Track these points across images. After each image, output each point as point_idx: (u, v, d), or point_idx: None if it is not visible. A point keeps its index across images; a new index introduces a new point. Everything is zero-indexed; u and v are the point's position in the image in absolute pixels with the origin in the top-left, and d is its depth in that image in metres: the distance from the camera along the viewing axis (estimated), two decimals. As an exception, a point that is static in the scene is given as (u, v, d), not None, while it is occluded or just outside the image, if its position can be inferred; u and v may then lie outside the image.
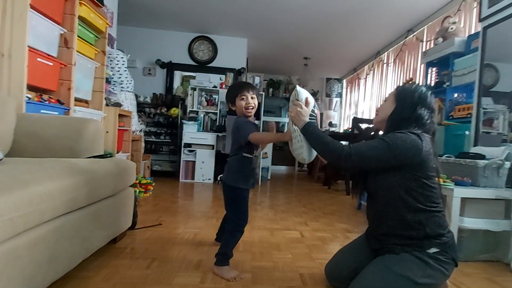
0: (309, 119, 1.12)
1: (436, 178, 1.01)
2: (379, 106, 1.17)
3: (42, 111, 1.66)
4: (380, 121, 1.11)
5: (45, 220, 0.89)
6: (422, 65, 3.22)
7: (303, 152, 1.13)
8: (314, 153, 1.16)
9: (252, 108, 1.37)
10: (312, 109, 1.16)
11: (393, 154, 0.95)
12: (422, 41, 3.51)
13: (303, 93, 1.17)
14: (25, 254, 0.82)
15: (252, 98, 1.37)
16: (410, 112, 1.03)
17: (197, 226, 1.95)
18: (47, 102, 1.72)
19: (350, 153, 0.98)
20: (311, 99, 1.18)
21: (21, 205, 0.78)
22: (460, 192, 1.55)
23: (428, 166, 0.97)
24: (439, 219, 0.98)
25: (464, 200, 1.57)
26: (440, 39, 2.71)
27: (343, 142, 1.16)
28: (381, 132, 1.14)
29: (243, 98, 1.37)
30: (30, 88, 1.66)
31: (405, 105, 1.04)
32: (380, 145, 0.97)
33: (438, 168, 1.02)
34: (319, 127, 1.15)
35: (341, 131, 6.17)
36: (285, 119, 6.97)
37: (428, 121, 1.03)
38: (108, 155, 1.65)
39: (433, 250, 0.95)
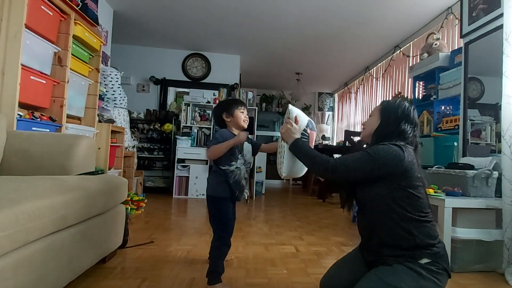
0: (302, 138, 1.17)
1: (423, 188, 1.03)
2: (365, 122, 1.19)
3: (33, 128, 1.65)
4: (366, 135, 1.16)
5: (32, 239, 0.87)
6: (410, 79, 3.32)
7: (282, 167, 1.20)
8: (295, 170, 1.23)
9: (247, 123, 1.45)
10: (305, 129, 1.20)
11: (376, 164, 0.99)
12: (408, 56, 3.64)
13: (294, 112, 1.21)
14: (10, 275, 0.79)
15: (247, 114, 1.46)
16: (394, 127, 1.07)
17: (190, 243, 1.91)
18: (39, 119, 1.72)
19: (335, 165, 1.03)
20: (304, 118, 1.22)
21: (8, 224, 0.76)
22: (451, 202, 1.56)
23: (412, 176, 1.00)
24: (429, 229, 0.99)
25: (455, 211, 1.58)
26: (425, 55, 2.82)
27: (336, 155, 1.18)
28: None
29: (242, 112, 1.42)
30: (23, 105, 1.66)
31: (390, 120, 1.08)
32: (363, 157, 1.02)
33: (423, 178, 1.05)
34: (311, 146, 1.20)
35: (334, 144, 6.23)
36: (277, 133, 7.01)
37: (411, 135, 1.07)
38: (100, 172, 1.63)
39: (424, 260, 0.95)
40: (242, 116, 1.42)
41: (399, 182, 0.99)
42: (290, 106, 1.24)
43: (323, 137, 6.34)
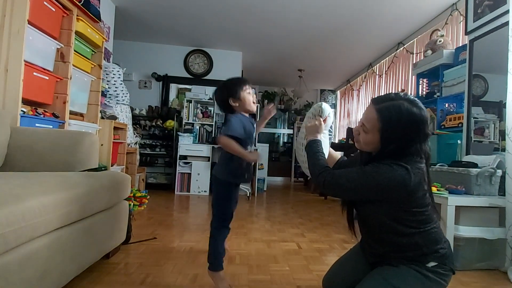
0: (328, 134, 1.15)
1: (429, 199, 0.93)
2: (357, 131, 0.98)
3: (37, 124, 1.66)
4: (364, 150, 1.00)
5: (37, 235, 0.88)
6: (413, 77, 3.30)
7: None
8: None
9: (255, 105, 1.32)
10: (330, 129, 1.19)
11: (373, 190, 0.87)
12: (412, 53, 3.61)
13: (327, 111, 1.17)
14: (16, 270, 0.80)
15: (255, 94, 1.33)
16: (401, 148, 0.89)
17: (193, 239, 1.92)
18: (42, 115, 1.72)
19: (329, 182, 0.93)
20: (330, 119, 1.20)
21: (14, 220, 0.77)
22: (454, 201, 1.56)
23: (417, 196, 0.89)
24: (435, 234, 0.93)
25: (458, 209, 1.58)
26: (429, 51, 2.80)
27: (338, 153, 1.16)
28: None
29: (249, 92, 1.28)
30: (26, 102, 1.66)
31: (393, 141, 0.89)
32: (360, 178, 0.89)
33: (430, 188, 0.93)
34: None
35: (336, 141, 6.22)
36: (280, 130, 7.02)
37: (423, 149, 0.90)
38: (103, 168, 1.64)
39: (432, 264, 0.91)
40: (250, 98, 1.28)
41: (402, 205, 0.89)
42: (323, 104, 1.19)
43: (325, 135, 6.32)
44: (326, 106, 1.17)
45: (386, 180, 0.85)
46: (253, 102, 1.31)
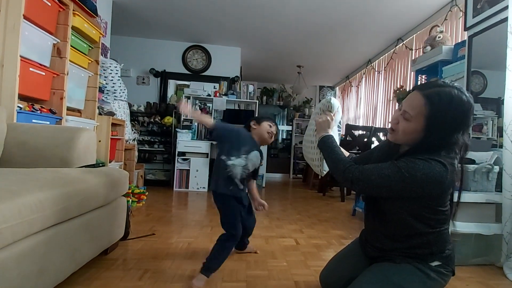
0: (338, 130, 1.16)
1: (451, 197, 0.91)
2: (396, 120, 0.90)
3: (33, 120, 1.65)
4: (398, 140, 0.93)
5: (34, 231, 0.87)
6: (412, 73, 3.29)
7: (323, 165, 1.16)
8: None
9: (271, 138, 1.48)
10: (339, 125, 1.21)
11: (408, 187, 0.82)
12: (411, 49, 3.60)
13: (336, 105, 1.17)
14: (13, 266, 0.80)
15: (275, 132, 1.48)
16: (446, 139, 0.83)
17: (191, 236, 1.93)
18: (39, 111, 1.71)
19: (358, 178, 0.89)
20: (339, 115, 1.20)
21: (10, 216, 0.77)
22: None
23: (447, 194, 0.86)
24: (447, 236, 0.93)
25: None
26: (428, 48, 2.79)
27: (345, 151, 1.14)
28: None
29: (270, 125, 1.47)
30: (22, 97, 1.65)
31: (440, 132, 0.83)
32: (394, 175, 0.83)
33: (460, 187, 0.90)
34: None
35: (335, 138, 6.21)
36: (278, 127, 7.00)
37: (463, 142, 0.84)
38: (100, 165, 1.63)
39: (435, 263, 0.91)
40: (267, 128, 1.45)
41: (430, 202, 0.86)
42: (333, 99, 1.20)
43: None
44: (335, 101, 1.18)
45: (423, 176, 0.80)
46: (268, 134, 1.45)
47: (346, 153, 1.19)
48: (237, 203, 1.39)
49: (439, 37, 2.71)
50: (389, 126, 0.94)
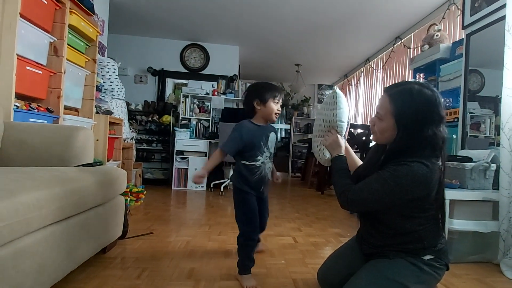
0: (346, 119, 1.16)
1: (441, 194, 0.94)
2: (373, 122, 0.97)
3: (30, 119, 1.64)
4: (380, 141, 0.99)
5: (32, 230, 0.87)
6: (410, 71, 3.30)
7: (326, 153, 1.16)
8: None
9: (277, 116, 1.33)
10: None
11: (398, 196, 0.87)
12: (409, 48, 3.60)
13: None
14: (10, 265, 0.79)
15: (281, 103, 1.32)
16: (418, 137, 0.87)
17: (189, 234, 1.93)
18: (36, 110, 1.70)
19: (352, 200, 0.93)
20: (345, 105, 1.16)
21: (7, 215, 0.76)
22: (449, 195, 1.57)
23: (433, 193, 0.89)
24: (438, 228, 0.95)
25: (453, 202, 1.60)
26: (426, 46, 2.79)
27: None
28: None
29: (277, 102, 1.28)
30: (19, 96, 1.64)
31: (409, 129, 0.87)
32: (382, 188, 0.87)
33: (443, 182, 0.92)
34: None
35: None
36: (277, 125, 7.00)
37: (441, 138, 0.87)
38: (98, 163, 1.63)
39: (428, 257, 0.93)
40: (275, 108, 1.28)
41: (419, 202, 0.90)
42: (337, 89, 1.14)
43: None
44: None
45: (409, 182, 0.84)
46: (275, 114, 1.29)
47: (359, 162, 1.20)
48: (260, 198, 1.37)
49: (437, 36, 2.72)
50: (371, 130, 1.00)
